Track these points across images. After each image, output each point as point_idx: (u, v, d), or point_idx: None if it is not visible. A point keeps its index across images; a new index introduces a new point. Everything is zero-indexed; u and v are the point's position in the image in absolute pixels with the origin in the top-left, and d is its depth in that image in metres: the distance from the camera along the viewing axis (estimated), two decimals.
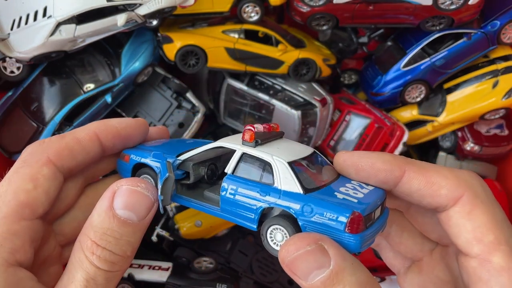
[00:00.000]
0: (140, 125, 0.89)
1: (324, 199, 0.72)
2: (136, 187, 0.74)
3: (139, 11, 1.58)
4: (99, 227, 0.71)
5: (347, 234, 0.69)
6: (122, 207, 0.72)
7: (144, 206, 0.74)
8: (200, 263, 1.82)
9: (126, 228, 0.72)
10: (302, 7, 1.82)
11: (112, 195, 0.73)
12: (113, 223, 0.71)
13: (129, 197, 0.73)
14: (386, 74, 2.00)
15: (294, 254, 0.66)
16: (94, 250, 0.70)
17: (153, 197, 0.76)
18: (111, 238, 0.71)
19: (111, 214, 0.72)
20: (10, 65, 1.74)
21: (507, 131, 2.11)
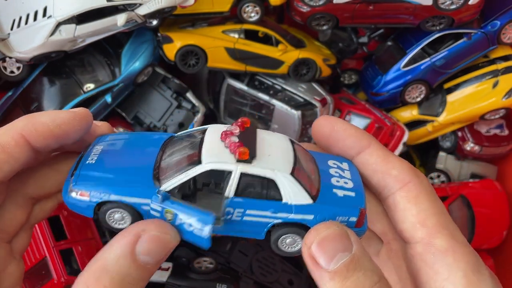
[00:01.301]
0: (80, 119, 0.74)
1: (331, 203, 0.73)
2: (166, 235, 0.67)
3: (139, 11, 1.59)
4: (117, 273, 0.63)
5: (355, 229, 0.71)
6: (145, 254, 0.65)
7: (166, 252, 0.68)
8: (200, 263, 1.82)
9: (143, 273, 0.65)
10: (302, 7, 1.82)
11: (135, 239, 0.65)
12: (132, 268, 0.64)
13: (154, 245, 0.66)
14: (386, 74, 2.00)
15: (323, 233, 0.66)
16: None
17: (176, 241, 0.69)
18: (128, 285, 0.64)
19: (132, 259, 0.64)
20: (10, 65, 1.74)
21: (507, 131, 2.12)
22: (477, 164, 2.17)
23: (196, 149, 0.75)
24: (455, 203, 1.97)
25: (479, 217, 1.97)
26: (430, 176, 2.14)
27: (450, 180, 2.13)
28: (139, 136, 0.87)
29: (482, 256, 1.96)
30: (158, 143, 0.80)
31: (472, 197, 1.99)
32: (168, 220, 0.70)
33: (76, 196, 0.72)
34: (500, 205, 2.00)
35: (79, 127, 0.74)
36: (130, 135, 0.86)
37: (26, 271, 1.75)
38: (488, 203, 1.99)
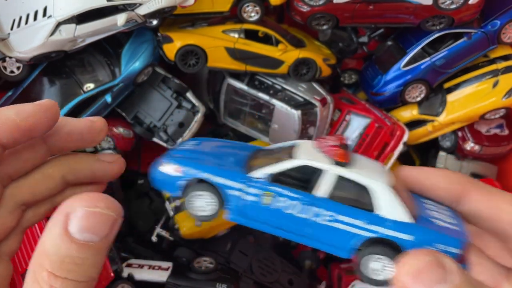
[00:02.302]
0: (46, 110, 0.72)
1: (433, 228, 0.68)
2: (95, 208, 0.62)
3: (139, 11, 1.59)
4: (55, 255, 0.60)
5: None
6: (81, 231, 0.61)
7: (107, 225, 0.63)
8: (200, 263, 1.82)
9: (88, 251, 0.61)
10: (302, 6, 1.82)
11: (65, 218, 0.61)
12: (71, 248, 0.60)
13: (87, 220, 0.62)
14: (386, 73, 2.00)
15: (416, 266, 0.60)
16: (52, 283, 0.59)
17: (117, 213, 0.64)
18: (72, 266, 0.60)
19: (67, 240, 0.60)
20: (10, 65, 1.74)
21: (507, 131, 2.12)
22: (477, 164, 2.17)
23: (289, 151, 0.74)
24: None
25: None
26: None
27: None
28: (228, 142, 0.89)
29: None
30: (248, 149, 0.80)
31: None
32: (263, 204, 0.69)
33: (167, 171, 0.72)
34: None
35: (45, 119, 0.72)
36: (219, 140, 0.88)
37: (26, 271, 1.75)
38: None
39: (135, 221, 2.10)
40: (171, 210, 1.92)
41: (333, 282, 2.06)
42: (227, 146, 0.84)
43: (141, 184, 2.12)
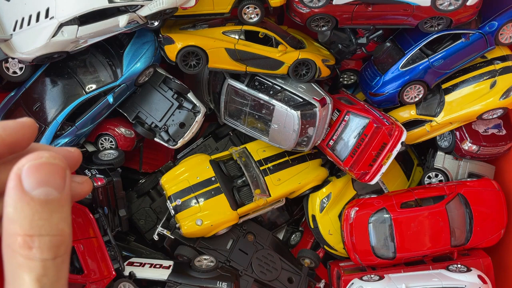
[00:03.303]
0: (28, 127, 0.71)
1: None
2: (41, 159, 0.62)
3: (141, 12, 1.60)
4: (23, 218, 0.61)
5: None
6: (36, 187, 0.61)
7: (58, 175, 0.63)
8: (201, 262, 1.83)
9: (51, 206, 0.62)
10: (301, 8, 1.83)
11: (18, 179, 0.62)
12: (35, 206, 0.61)
13: (40, 173, 0.62)
14: (384, 74, 2.02)
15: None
16: (30, 244, 0.60)
17: (63, 163, 0.65)
18: (41, 222, 0.61)
19: (27, 199, 0.61)
20: (12, 66, 1.76)
21: (504, 131, 2.13)
22: (475, 164, 2.18)
23: None
24: (453, 202, 1.99)
25: (477, 215, 1.99)
26: (429, 175, 2.16)
27: (448, 179, 2.15)
28: None
29: (480, 254, 1.99)
30: None
31: (470, 196, 2.00)
32: None
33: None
34: (497, 204, 2.02)
35: (28, 136, 0.71)
36: None
37: None
38: (486, 202, 2.01)
39: (136, 220, 2.11)
40: (172, 209, 1.93)
41: (332, 280, 2.08)
42: None
43: (142, 184, 2.13)
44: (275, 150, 2.09)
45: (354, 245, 1.98)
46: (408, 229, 1.95)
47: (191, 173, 1.96)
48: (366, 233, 1.98)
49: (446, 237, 1.95)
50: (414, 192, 2.04)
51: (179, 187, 1.93)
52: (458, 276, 1.82)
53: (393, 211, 1.96)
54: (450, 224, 1.96)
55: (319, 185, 2.12)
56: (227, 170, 2.03)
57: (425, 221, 1.95)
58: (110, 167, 1.86)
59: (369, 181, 1.99)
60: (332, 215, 2.11)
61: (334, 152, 2.05)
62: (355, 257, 2.00)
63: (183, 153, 2.22)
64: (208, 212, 1.91)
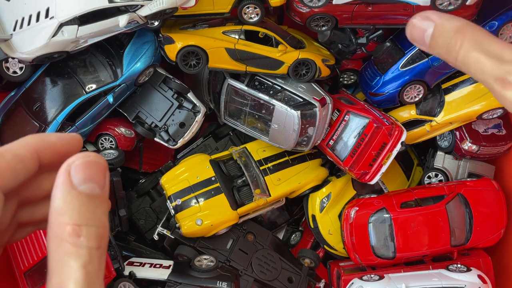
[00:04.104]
0: (77, 141, 0.82)
1: None
2: (89, 157, 0.70)
3: (141, 12, 1.60)
4: (71, 209, 0.67)
5: None
6: (83, 182, 0.68)
7: (102, 173, 0.71)
8: (201, 261, 1.84)
9: (95, 201, 0.69)
10: (301, 8, 1.83)
11: (67, 175, 0.69)
12: (82, 199, 0.68)
13: (85, 170, 0.69)
14: (384, 74, 2.02)
15: (410, 25, 0.77)
16: (78, 232, 0.65)
17: (104, 162, 0.72)
18: (88, 214, 0.67)
19: (76, 192, 0.68)
20: (12, 66, 1.76)
21: (504, 131, 2.13)
22: (475, 164, 2.18)
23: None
24: (453, 202, 1.99)
25: (477, 215, 1.99)
26: (428, 175, 2.16)
27: (448, 179, 2.15)
28: None
29: (480, 254, 1.99)
30: None
31: (470, 195, 2.00)
32: None
33: None
34: (497, 203, 2.02)
35: (76, 148, 0.81)
36: None
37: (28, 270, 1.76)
38: (486, 202, 2.01)
39: (136, 220, 2.12)
40: (172, 209, 1.93)
41: (332, 280, 2.08)
42: None
43: (142, 184, 2.13)
44: (275, 150, 2.09)
45: (354, 245, 1.99)
46: (408, 229, 1.95)
47: (191, 173, 1.96)
48: (366, 233, 1.98)
49: (446, 237, 1.95)
50: (414, 192, 2.04)
51: (179, 187, 1.93)
52: (458, 276, 1.82)
53: (393, 211, 1.96)
54: (450, 224, 1.96)
55: (319, 185, 2.12)
56: (227, 170, 2.03)
57: (425, 221, 1.95)
58: (110, 167, 1.87)
59: (369, 181, 1.99)
60: (332, 215, 2.11)
61: (334, 152, 2.05)
62: (355, 257, 2.00)
63: (183, 153, 2.22)
64: (208, 212, 1.91)
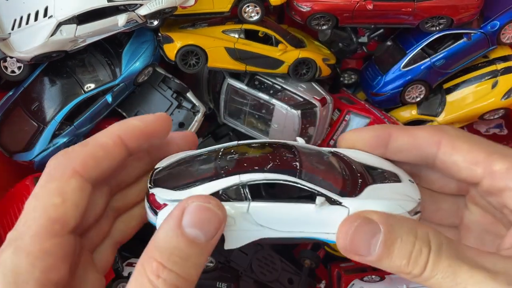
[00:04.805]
0: (162, 119, 0.83)
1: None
2: (208, 204, 0.69)
3: (140, 12, 1.59)
4: (165, 247, 0.66)
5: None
6: (191, 225, 0.67)
7: (213, 225, 0.69)
8: None
9: (193, 249, 0.67)
10: (302, 7, 1.82)
11: (181, 212, 0.68)
12: (181, 242, 0.66)
13: (198, 215, 0.68)
14: (386, 74, 2.01)
15: (348, 235, 0.69)
16: (160, 273, 0.65)
17: (223, 215, 0.71)
18: (178, 259, 0.66)
19: (179, 233, 0.66)
20: (11, 65, 1.75)
21: (506, 131, 2.12)
22: None
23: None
24: None
25: None
26: None
27: None
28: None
29: None
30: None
31: None
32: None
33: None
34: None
35: (164, 127, 0.83)
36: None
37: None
38: None
39: None
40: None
41: (332, 281, 2.07)
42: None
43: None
44: None
45: None
46: None
47: None
48: None
49: None
50: None
51: None
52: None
53: None
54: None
55: None
56: None
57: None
58: None
59: None
60: None
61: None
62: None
63: None
64: None
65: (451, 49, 1.91)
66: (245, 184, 0.76)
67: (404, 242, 0.67)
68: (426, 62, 1.94)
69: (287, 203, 0.78)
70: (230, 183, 0.76)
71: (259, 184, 0.79)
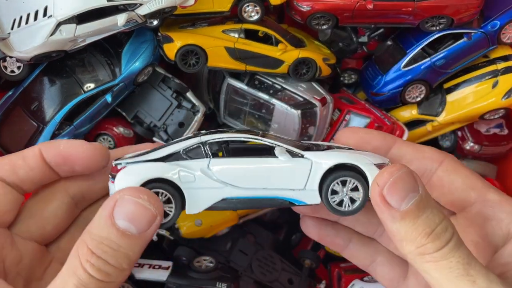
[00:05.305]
0: (88, 149, 0.85)
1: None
2: (138, 199, 0.71)
3: (140, 11, 1.59)
4: (97, 235, 0.70)
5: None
6: (122, 218, 0.70)
7: (145, 219, 0.71)
8: (200, 262, 1.82)
9: (124, 240, 0.70)
10: (302, 6, 1.82)
11: (113, 204, 0.71)
12: (112, 232, 0.69)
13: (130, 208, 0.70)
14: (386, 74, 2.01)
15: (387, 181, 0.70)
16: (89, 258, 0.68)
17: (156, 211, 0.72)
18: (107, 248, 0.69)
19: (110, 223, 0.70)
20: (10, 65, 1.75)
21: (506, 130, 2.12)
22: (476, 164, 2.17)
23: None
24: None
25: None
26: None
27: None
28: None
29: None
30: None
31: None
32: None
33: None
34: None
35: (87, 156, 0.84)
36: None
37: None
38: None
39: None
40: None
41: (332, 281, 2.07)
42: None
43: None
44: None
45: None
46: None
47: None
48: None
49: None
50: None
51: None
52: None
53: None
54: None
55: None
56: None
57: None
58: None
59: None
60: None
61: None
62: None
63: None
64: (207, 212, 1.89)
65: (451, 49, 1.91)
66: (205, 142, 0.79)
67: (433, 213, 0.68)
68: (426, 62, 1.93)
69: (249, 158, 0.78)
70: (191, 143, 0.79)
71: (222, 149, 0.83)
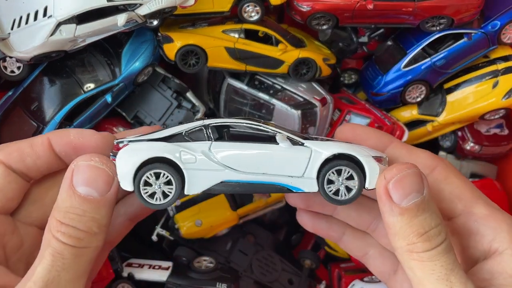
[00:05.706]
0: (98, 138, 0.87)
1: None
2: (90, 161, 0.74)
3: (140, 11, 1.59)
4: (62, 206, 0.73)
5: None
6: (81, 184, 0.73)
7: (102, 180, 0.74)
8: (200, 263, 1.82)
9: (88, 204, 0.72)
10: (302, 6, 1.82)
11: (71, 173, 0.74)
12: (74, 200, 0.72)
13: (86, 173, 0.73)
14: (386, 74, 2.00)
15: (395, 176, 0.72)
16: (59, 228, 0.71)
17: (111, 170, 0.75)
18: (73, 215, 0.72)
19: (71, 193, 0.72)
20: (10, 65, 1.74)
21: (507, 131, 2.12)
22: (477, 164, 2.17)
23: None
24: None
25: None
26: None
27: None
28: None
29: None
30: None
31: None
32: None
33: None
34: (500, 204, 1.98)
35: (96, 144, 0.85)
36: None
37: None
38: None
39: None
40: (171, 209, 1.92)
41: (333, 281, 2.07)
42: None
43: None
44: None
45: None
46: None
47: None
48: None
49: None
50: None
51: None
52: None
53: None
54: None
55: None
56: None
57: None
58: None
59: None
60: None
61: None
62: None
63: None
64: (207, 212, 1.90)
65: (451, 49, 1.91)
66: (208, 125, 0.80)
67: (431, 217, 0.71)
68: (426, 62, 1.93)
69: (250, 143, 0.80)
70: (194, 125, 0.81)
71: (224, 134, 0.84)
